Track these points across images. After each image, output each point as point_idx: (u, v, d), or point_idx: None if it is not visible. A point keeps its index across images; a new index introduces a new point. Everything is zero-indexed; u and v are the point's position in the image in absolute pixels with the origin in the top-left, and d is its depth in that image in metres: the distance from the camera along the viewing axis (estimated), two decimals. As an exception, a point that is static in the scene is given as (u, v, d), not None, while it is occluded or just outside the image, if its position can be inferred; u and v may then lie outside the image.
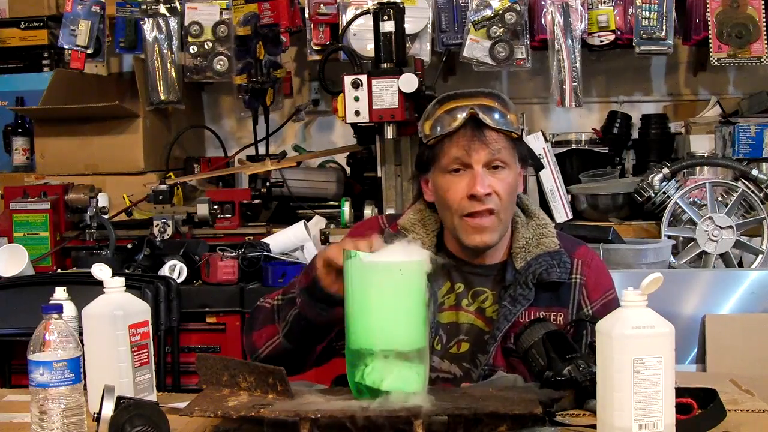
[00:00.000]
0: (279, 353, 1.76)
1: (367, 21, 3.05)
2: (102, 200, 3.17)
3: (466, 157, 1.76)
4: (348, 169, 3.64)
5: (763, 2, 3.12)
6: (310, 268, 1.68)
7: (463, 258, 1.87)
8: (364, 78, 2.88)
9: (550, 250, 1.84)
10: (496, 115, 1.77)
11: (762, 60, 3.12)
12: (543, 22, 3.22)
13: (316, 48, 3.42)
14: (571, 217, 3.23)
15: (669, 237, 3.01)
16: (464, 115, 1.76)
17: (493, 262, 1.87)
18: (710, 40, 3.12)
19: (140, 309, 1.64)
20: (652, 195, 3.07)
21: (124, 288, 1.64)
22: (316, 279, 1.65)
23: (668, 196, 3.06)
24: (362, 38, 3.18)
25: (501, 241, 1.85)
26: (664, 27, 3.18)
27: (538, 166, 3.23)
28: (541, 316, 1.79)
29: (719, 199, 3.06)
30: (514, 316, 1.78)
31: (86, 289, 1.84)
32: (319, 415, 1.38)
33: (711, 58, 3.14)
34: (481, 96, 1.80)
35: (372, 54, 3.01)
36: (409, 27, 3.11)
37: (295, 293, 1.73)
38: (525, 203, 1.93)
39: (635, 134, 3.58)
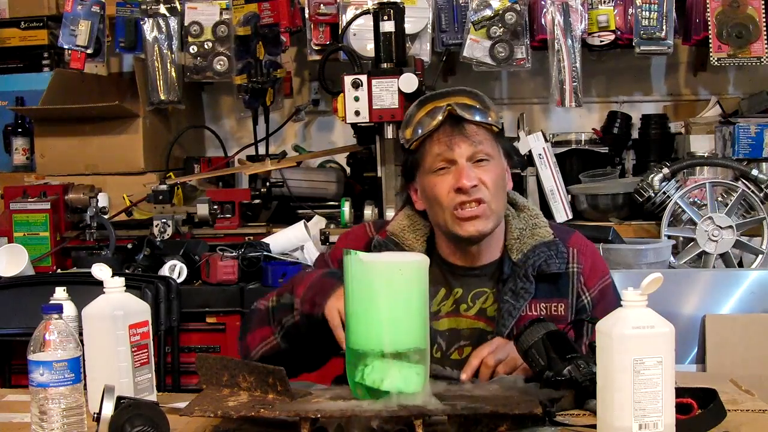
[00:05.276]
0: (274, 353, 1.76)
1: (367, 21, 3.05)
2: (102, 200, 3.16)
3: (449, 153, 1.77)
4: (348, 169, 3.64)
5: (763, 2, 3.12)
6: (318, 298, 1.68)
7: (457, 263, 1.87)
8: (364, 78, 2.88)
9: (545, 240, 1.84)
10: (474, 110, 1.79)
11: (762, 60, 3.12)
12: (543, 22, 3.22)
13: (316, 48, 3.42)
14: (571, 217, 3.23)
15: (669, 237, 3.01)
16: (442, 113, 1.78)
17: (489, 261, 1.87)
18: (710, 40, 3.12)
19: (140, 309, 1.64)
20: (652, 195, 3.07)
21: (124, 288, 1.64)
22: (322, 318, 1.66)
23: (668, 196, 3.05)
24: (362, 38, 3.18)
25: (495, 238, 1.85)
26: (664, 27, 3.18)
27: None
28: (542, 315, 1.79)
29: (719, 199, 3.06)
30: (518, 312, 1.78)
31: (86, 289, 1.85)
32: (319, 415, 1.38)
33: (711, 58, 3.14)
34: (457, 94, 1.82)
35: (372, 54, 3.01)
36: (409, 27, 3.11)
37: (289, 301, 1.74)
38: (513, 198, 1.93)
39: (635, 134, 3.57)
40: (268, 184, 3.32)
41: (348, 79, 2.89)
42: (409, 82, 2.85)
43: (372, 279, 1.45)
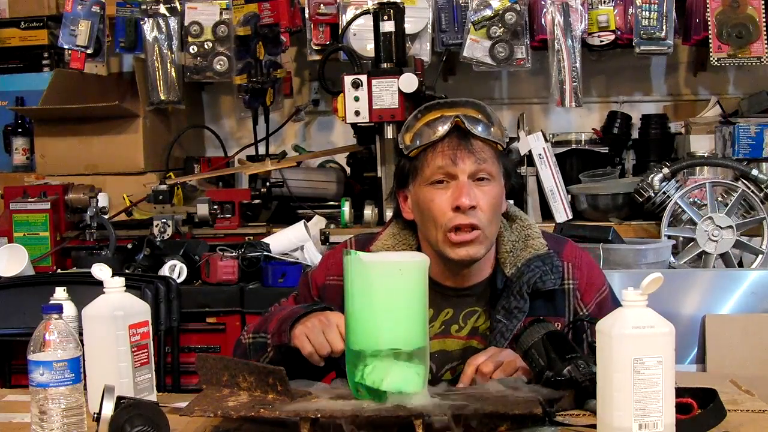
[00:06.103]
0: None
1: (367, 21, 3.06)
2: (102, 200, 3.17)
3: (451, 167, 1.69)
4: (348, 169, 3.65)
5: (763, 2, 3.12)
6: (285, 325, 1.69)
7: (446, 283, 1.80)
8: (364, 78, 2.88)
9: (539, 253, 1.78)
10: (482, 125, 1.72)
11: (762, 60, 3.12)
12: (543, 22, 3.23)
13: (316, 48, 3.43)
14: (571, 217, 3.23)
15: (669, 237, 3.01)
16: (448, 124, 1.70)
17: (479, 280, 1.81)
18: (710, 40, 3.12)
19: (140, 309, 1.64)
20: (652, 195, 3.07)
21: (124, 288, 1.64)
22: (294, 347, 1.66)
23: (668, 196, 3.05)
24: (362, 38, 3.18)
25: (487, 257, 1.78)
26: (664, 27, 3.18)
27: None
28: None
29: (719, 199, 3.06)
30: (511, 333, 1.73)
31: (86, 289, 1.85)
32: (319, 415, 1.38)
33: (711, 58, 3.14)
34: (465, 105, 1.74)
35: (372, 54, 3.01)
36: (409, 27, 3.11)
37: (263, 340, 1.74)
38: (505, 208, 1.85)
39: (635, 134, 3.58)
40: (268, 184, 3.32)
41: (348, 79, 2.89)
42: (409, 82, 2.86)
43: (372, 279, 1.45)
